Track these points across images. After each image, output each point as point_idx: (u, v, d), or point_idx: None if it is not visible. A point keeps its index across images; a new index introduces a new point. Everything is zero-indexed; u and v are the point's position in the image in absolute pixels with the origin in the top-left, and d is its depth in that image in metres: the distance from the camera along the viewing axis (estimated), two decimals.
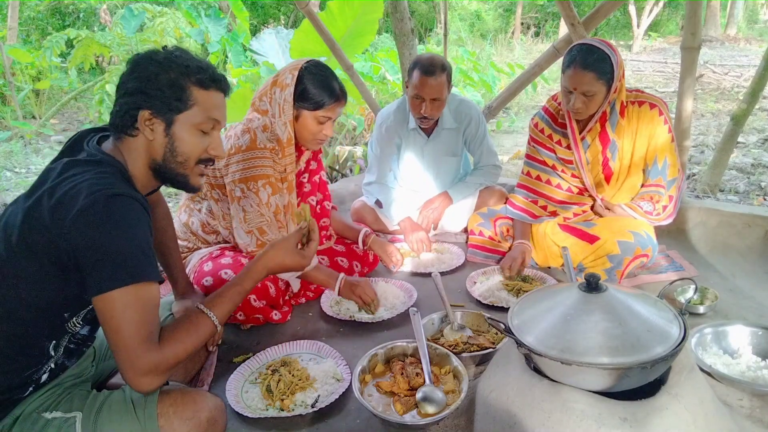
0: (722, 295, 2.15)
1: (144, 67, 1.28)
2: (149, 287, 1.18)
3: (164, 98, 1.27)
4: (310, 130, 2.04)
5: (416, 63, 2.60)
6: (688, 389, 1.23)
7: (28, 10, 10.00)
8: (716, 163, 3.88)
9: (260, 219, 2.02)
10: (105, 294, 1.13)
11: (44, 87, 7.23)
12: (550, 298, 1.36)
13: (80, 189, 1.15)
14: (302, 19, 4.30)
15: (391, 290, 2.31)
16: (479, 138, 2.88)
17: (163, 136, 1.30)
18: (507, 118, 7.50)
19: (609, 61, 2.11)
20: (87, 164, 1.23)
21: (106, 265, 1.13)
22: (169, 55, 1.30)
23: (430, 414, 1.50)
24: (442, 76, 2.55)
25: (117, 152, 1.31)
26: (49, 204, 1.15)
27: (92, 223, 1.12)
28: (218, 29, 7.01)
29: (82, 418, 1.22)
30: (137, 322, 1.15)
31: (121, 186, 1.20)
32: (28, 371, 1.24)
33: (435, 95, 2.57)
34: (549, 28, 15.86)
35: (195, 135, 1.33)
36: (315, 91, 1.98)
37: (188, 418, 1.26)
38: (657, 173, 2.31)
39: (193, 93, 1.30)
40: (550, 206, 2.52)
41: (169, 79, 1.28)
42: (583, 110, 2.18)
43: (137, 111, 1.27)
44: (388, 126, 2.86)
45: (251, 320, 2.03)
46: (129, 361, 1.15)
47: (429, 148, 2.88)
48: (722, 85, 8.62)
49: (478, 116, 2.87)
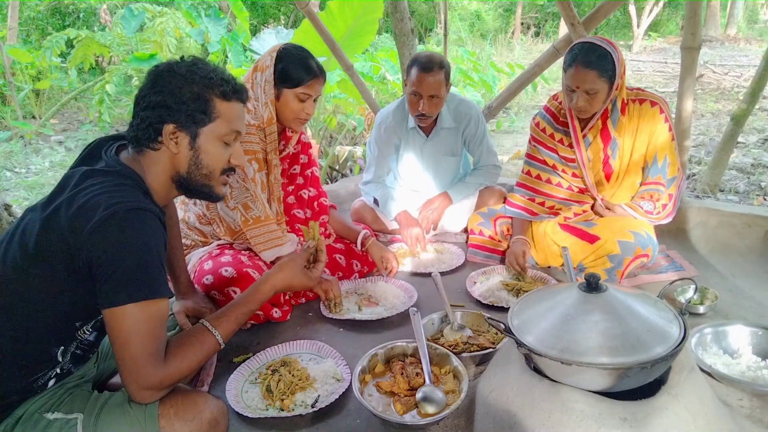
0: (722, 295, 2.15)
1: (166, 81, 1.28)
2: (160, 303, 1.20)
3: (189, 112, 1.28)
4: (291, 109, 2.07)
5: (414, 60, 2.60)
6: (688, 389, 1.23)
7: (28, 10, 9.99)
8: (716, 163, 3.88)
9: (245, 194, 2.06)
10: (117, 308, 1.14)
11: (44, 87, 7.23)
12: (550, 298, 1.36)
13: (99, 201, 1.16)
14: (302, 19, 4.30)
15: (391, 290, 2.31)
16: (479, 138, 2.87)
17: (188, 149, 1.32)
18: (507, 118, 7.50)
19: (610, 59, 2.11)
20: (105, 175, 1.24)
21: (121, 279, 1.14)
22: (192, 67, 1.30)
23: (430, 414, 1.49)
24: (440, 73, 2.55)
25: (136, 164, 1.31)
26: (67, 214, 1.16)
27: (110, 236, 1.13)
28: (218, 29, 7.01)
29: (83, 419, 1.22)
30: (145, 338, 1.16)
31: (139, 199, 1.21)
32: (34, 376, 1.24)
33: (433, 92, 2.57)
34: (549, 28, 15.86)
35: (219, 147, 1.35)
36: (293, 69, 2.03)
37: (189, 419, 1.25)
38: (657, 171, 2.31)
39: (217, 105, 1.32)
40: (549, 202, 2.52)
41: (192, 93, 1.28)
42: (587, 108, 2.18)
43: (161, 125, 1.27)
44: (387, 126, 2.86)
45: (252, 317, 2.03)
46: (134, 375, 1.17)
47: (428, 148, 2.88)
48: (722, 85, 8.62)
49: (477, 116, 2.86)
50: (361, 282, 2.39)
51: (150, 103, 1.28)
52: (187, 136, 1.30)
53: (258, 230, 2.09)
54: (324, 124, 5.54)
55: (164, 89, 1.27)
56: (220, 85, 1.31)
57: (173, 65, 1.31)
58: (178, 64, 1.31)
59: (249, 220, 2.07)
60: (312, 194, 2.45)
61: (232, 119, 1.35)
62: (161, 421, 1.22)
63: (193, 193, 1.40)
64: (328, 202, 2.53)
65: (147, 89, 1.29)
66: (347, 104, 5.60)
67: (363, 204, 2.98)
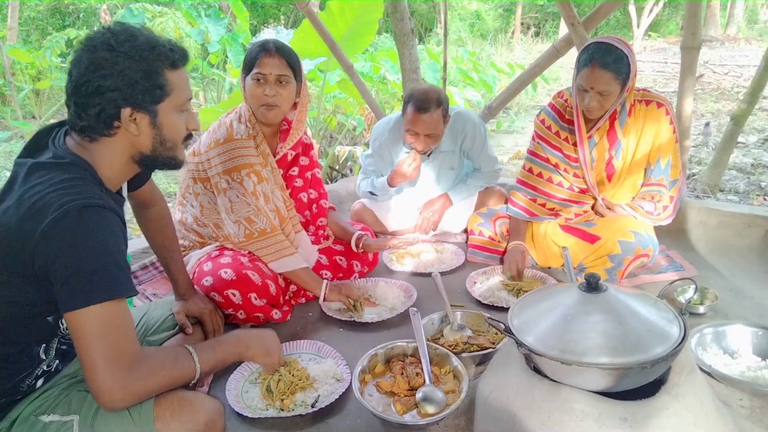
0: (722, 295, 2.15)
1: (110, 62, 1.17)
2: (121, 303, 1.15)
3: (144, 91, 1.20)
4: (251, 94, 2.01)
5: (410, 97, 2.54)
6: (688, 389, 1.23)
7: (28, 10, 9.99)
8: (716, 163, 3.88)
9: (247, 209, 2.02)
10: (77, 311, 1.10)
11: (44, 87, 7.22)
12: (550, 298, 1.36)
13: (49, 201, 1.10)
14: (302, 19, 4.29)
15: (391, 290, 2.31)
16: (477, 148, 2.82)
17: (149, 128, 1.25)
18: (507, 118, 7.50)
19: (626, 61, 2.11)
20: (53, 168, 1.17)
21: (77, 282, 1.10)
22: (132, 41, 1.19)
23: (430, 414, 1.50)
24: (437, 112, 2.50)
25: (86, 152, 1.23)
26: (17, 216, 1.11)
27: (63, 238, 1.09)
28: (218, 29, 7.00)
29: (79, 421, 1.20)
30: (106, 339, 1.11)
31: (91, 194, 1.15)
32: (19, 376, 1.22)
33: (429, 131, 2.53)
34: (549, 28, 15.86)
35: (178, 117, 1.30)
36: (249, 53, 1.99)
37: (185, 421, 1.23)
38: (659, 172, 2.31)
39: (169, 77, 1.24)
40: (549, 203, 2.52)
41: (143, 70, 1.19)
42: (598, 109, 2.18)
43: (116, 110, 1.19)
44: (383, 143, 2.83)
45: (252, 319, 2.03)
46: (93, 379, 1.11)
47: (426, 168, 2.86)
48: (722, 85, 8.62)
49: (474, 129, 2.77)
50: (362, 282, 2.39)
51: (97, 88, 1.17)
52: (147, 116, 1.23)
53: (264, 242, 2.04)
54: (324, 124, 5.54)
55: (111, 72, 1.16)
56: (168, 55, 1.23)
57: (110, 43, 1.17)
58: (116, 40, 1.18)
59: (254, 233, 2.02)
60: (313, 197, 2.41)
61: (183, 86, 1.28)
62: (157, 423, 1.20)
63: (157, 167, 1.35)
64: (328, 203, 2.51)
65: (88, 73, 1.17)
66: (347, 104, 5.60)
67: (362, 206, 2.98)
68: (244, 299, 1.96)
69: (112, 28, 1.21)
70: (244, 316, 2.01)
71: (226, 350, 1.41)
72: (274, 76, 1.98)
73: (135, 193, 1.62)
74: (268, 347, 1.56)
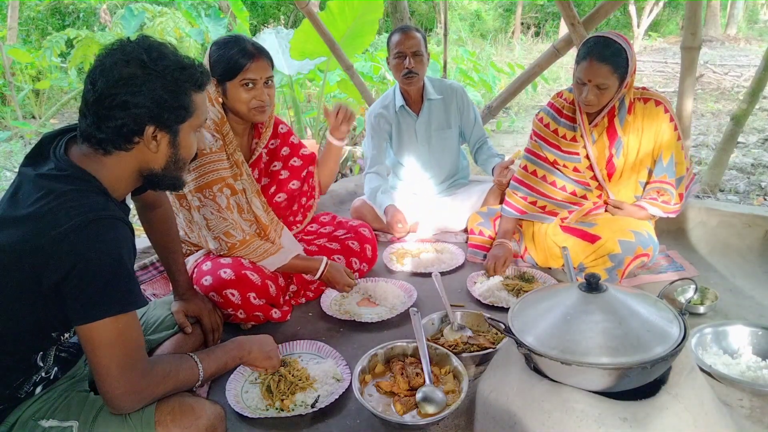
0: (722, 295, 2.15)
1: (142, 80, 1.16)
2: (134, 313, 1.17)
3: (171, 110, 1.20)
4: (241, 100, 1.98)
5: (392, 31, 2.81)
6: (688, 389, 1.23)
7: (28, 10, 9.99)
8: (716, 163, 3.88)
9: (224, 224, 2.00)
10: (91, 324, 1.10)
11: (44, 87, 7.22)
12: (551, 298, 1.36)
13: (58, 215, 1.09)
14: (302, 19, 4.29)
15: (391, 290, 2.31)
16: (467, 109, 3.00)
17: (168, 147, 1.25)
18: (507, 118, 7.50)
19: (624, 56, 2.11)
20: (57, 180, 1.15)
21: (93, 295, 1.10)
22: (164, 61, 1.19)
23: (430, 414, 1.49)
24: (418, 35, 2.75)
25: (92, 163, 1.20)
26: (25, 231, 1.09)
27: (77, 251, 1.08)
28: (218, 29, 7.00)
29: (78, 426, 1.20)
30: (120, 348, 1.13)
31: (100, 206, 1.14)
32: (16, 383, 1.21)
33: (415, 48, 2.72)
34: (549, 28, 15.85)
35: (193, 137, 1.30)
36: (225, 58, 1.93)
37: (186, 426, 1.23)
38: (662, 170, 2.31)
39: (194, 98, 1.25)
40: (542, 202, 2.51)
41: (172, 91, 1.20)
42: (595, 102, 2.18)
43: (139, 126, 1.18)
44: (377, 113, 2.97)
45: (252, 318, 2.03)
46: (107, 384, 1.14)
47: (420, 126, 2.97)
48: (722, 85, 8.62)
49: (461, 89, 3.01)
50: (362, 282, 2.39)
51: (123, 103, 1.15)
52: (168, 135, 1.23)
53: (247, 249, 2.04)
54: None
55: (141, 89, 1.16)
56: (196, 78, 1.24)
57: (143, 59, 1.17)
58: (149, 56, 1.17)
59: (235, 244, 2.02)
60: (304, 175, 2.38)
61: (204, 107, 1.30)
62: (158, 428, 1.20)
63: (160, 186, 1.34)
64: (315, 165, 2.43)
65: (117, 87, 1.15)
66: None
67: (363, 203, 2.98)
68: (243, 299, 1.96)
69: (142, 43, 1.20)
70: (243, 315, 2.00)
71: (228, 355, 1.47)
72: (264, 79, 1.99)
73: (141, 196, 1.62)
74: (268, 351, 1.63)
